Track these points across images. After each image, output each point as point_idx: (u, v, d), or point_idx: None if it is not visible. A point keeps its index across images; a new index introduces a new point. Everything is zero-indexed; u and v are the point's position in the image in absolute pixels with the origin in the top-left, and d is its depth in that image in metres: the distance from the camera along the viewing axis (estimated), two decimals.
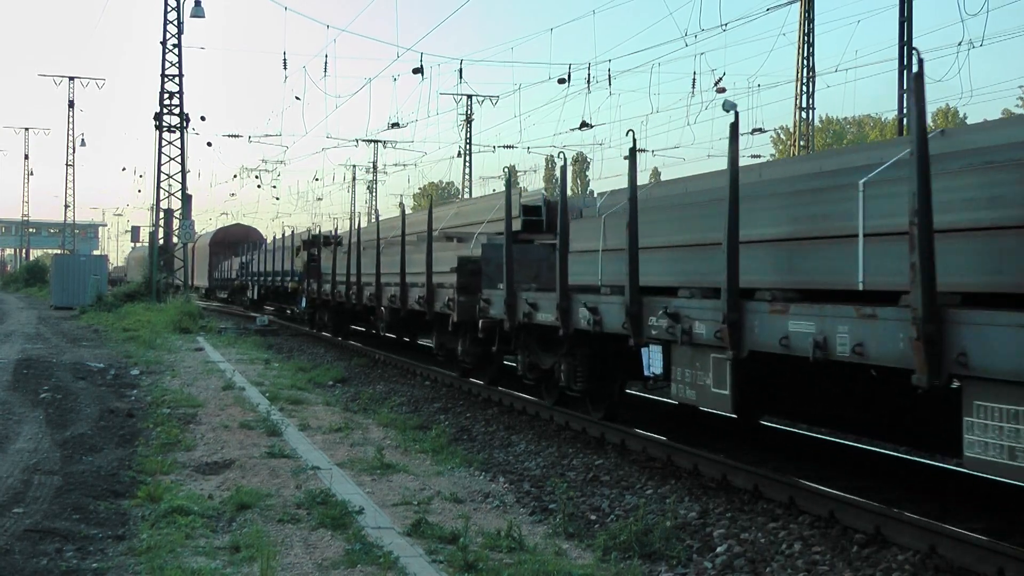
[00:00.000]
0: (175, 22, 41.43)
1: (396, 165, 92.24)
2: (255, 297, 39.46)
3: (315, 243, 27.17)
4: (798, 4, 35.90)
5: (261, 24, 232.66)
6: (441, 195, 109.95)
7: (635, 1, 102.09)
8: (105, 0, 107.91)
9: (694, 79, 40.99)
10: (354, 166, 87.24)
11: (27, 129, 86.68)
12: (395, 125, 53.04)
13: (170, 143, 41.88)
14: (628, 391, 12.21)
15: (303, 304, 28.34)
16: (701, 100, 67.35)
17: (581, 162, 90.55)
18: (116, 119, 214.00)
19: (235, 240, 52.51)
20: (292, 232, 33.53)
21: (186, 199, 42.12)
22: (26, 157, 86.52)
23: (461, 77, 45.39)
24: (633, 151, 8.86)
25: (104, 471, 8.94)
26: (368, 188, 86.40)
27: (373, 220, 26.22)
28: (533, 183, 76.86)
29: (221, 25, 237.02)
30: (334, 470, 9.21)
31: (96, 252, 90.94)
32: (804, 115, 37.36)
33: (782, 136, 76.43)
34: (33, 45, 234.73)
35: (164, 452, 9.92)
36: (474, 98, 59.74)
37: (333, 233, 27.01)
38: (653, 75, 77.13)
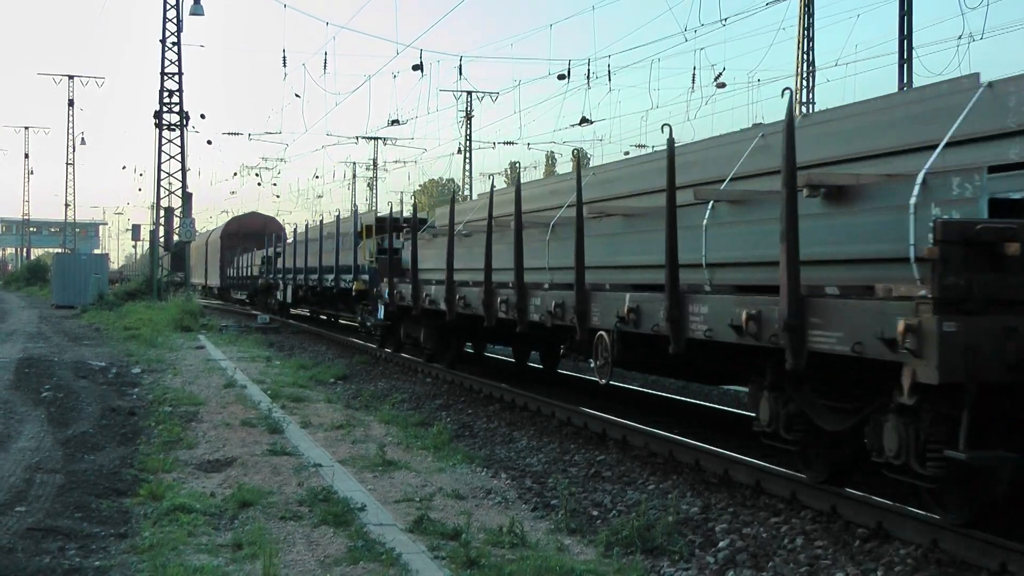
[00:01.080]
0: (174, 20, 41.38)
1: (396, 162, 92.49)
2: (287, 300, 32.59)
3: (392, 226, 19.77)
4: None
5: (260, 22, 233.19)
6: (441, 192, 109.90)
7: None
8: None
9: (694, 74, 41.11)
10: (354, 163, 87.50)
11: (27, 128, 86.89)
12: (395, 122, 53.17)
13: (170, 141, 41.85)
14: None
15: (380, 314, 19.11)
16: (701, 95, 67.20)
17: (581, 157, 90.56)
18: (116, 117, 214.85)
19: (252, 232, 45.78)
20: (353, 211, 26.02)
21: (186, 197, 42.08)
22: (26, 156, 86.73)
23: (461, 73, 45.60)
24: None
25: (106, 469, 8.95)
26: (368, 185, 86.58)
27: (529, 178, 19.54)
28: (535, 179, 76.67)
29: (220, 23, 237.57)
30: (336, 467, 9.22)
31: (97, 251, 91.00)
32: (804, 110, 37.34)
33: None
34: (33, 44, 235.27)
35: (166, 450, 9.92)
36: (474, 94, 59.91)
37: (397, 213, 20.35)
38: (653, 71, 77.19)
